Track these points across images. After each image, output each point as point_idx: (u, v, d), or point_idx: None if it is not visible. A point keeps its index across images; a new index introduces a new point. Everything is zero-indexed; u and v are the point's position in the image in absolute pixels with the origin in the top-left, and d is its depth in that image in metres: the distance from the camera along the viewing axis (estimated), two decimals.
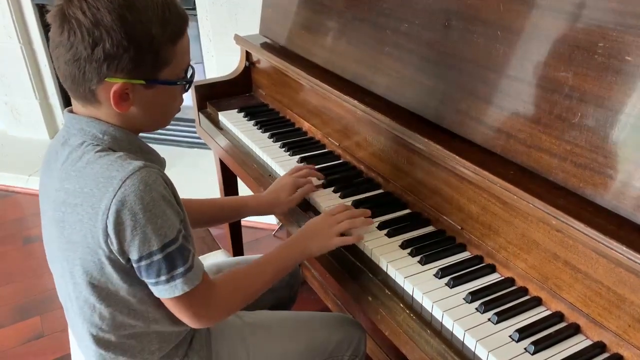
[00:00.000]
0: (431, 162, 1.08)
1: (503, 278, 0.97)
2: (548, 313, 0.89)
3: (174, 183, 0.86)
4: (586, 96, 0.87)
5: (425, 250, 1.03)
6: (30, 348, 1.87)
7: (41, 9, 2.90)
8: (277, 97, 1.68)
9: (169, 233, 0.80)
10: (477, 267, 0.99)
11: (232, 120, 1.62)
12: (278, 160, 1.40)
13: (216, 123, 1.68)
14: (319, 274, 1.88)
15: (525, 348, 0.82)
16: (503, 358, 0.81)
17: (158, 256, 0.80)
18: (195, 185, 2.52)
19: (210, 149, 1.82)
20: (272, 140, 1.50)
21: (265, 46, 1.70)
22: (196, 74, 0.93)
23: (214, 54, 2.62)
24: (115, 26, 0.76)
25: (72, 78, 0.80)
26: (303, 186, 1.23)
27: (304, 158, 1.39)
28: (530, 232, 0.91)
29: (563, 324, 0.87)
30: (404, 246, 1.05)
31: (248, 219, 2.45)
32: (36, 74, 3.05)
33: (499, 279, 0.97)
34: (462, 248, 1.04)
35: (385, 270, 1.01)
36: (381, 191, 1.25)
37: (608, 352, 0.82)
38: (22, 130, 3.23)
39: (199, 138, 2.23)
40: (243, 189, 1.69)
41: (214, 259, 1.44)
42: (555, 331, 0.85)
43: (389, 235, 1.08)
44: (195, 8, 2.54)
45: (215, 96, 1.76)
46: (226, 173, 1.79)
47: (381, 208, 1.17)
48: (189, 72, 0.89)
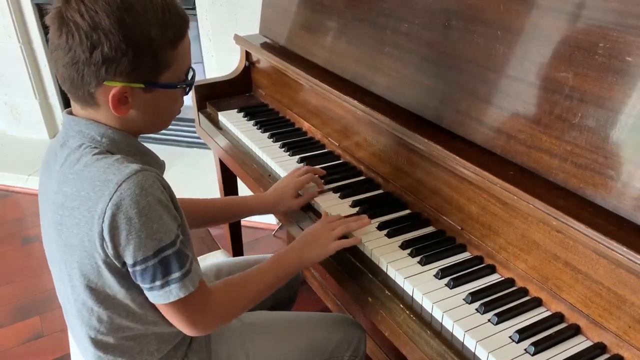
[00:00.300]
0: (431, 163, 1.08)
1: (503, 279, 0.97)
2: (548, 314, 0.89)
3: (174, 183, 0.86)
4: (586, 96, 0.87)
5: (425, 250, 1.03)
6: (29, 348, 1.87)
7: (41, 9, 2.90)
8: (277, 97, 1.68)
9: (165, 238, 0.80)
10: (477, 268, 0.99)
11: (232, 120, 1.62)
12: (278, 160, 1.39)
13: (216, 123, 1.68)
14: (319, 274, 1.88)
15: (525, 349, 0.82)
16: (503, 359, 0.81)
17: (153, 261, 0.79)
18: (194, 185, 2.52)
19: (210, 149, 1.82)
20: (272, 140, 1.49)
21: (265, 46, 1.69)
22: (196, 74, 0.91)
23: (214, 54, 2.62)
24: (113, 29, 0.75)
25: (71, 81, 0.79)
26: (305, 187, 1.22)
27: (304, 158, 1.39)
28: (530, 233, 0.91)
29: (563, 325, 0.87)
30: (404, 247, 1.04)
31: (248, 219, 2.45)
32: (36, 74, 3.05)
33: (499, 280, 0.97)
34: (462, 248, 1.04)
35: (385, 270, 1.01)
36: (381, 191, 1.24)
37: (608, 353, 0.82)
38: (22, 130, 3.23)
39: (199, 138, 2.23)
40: (243, 189, 1.69)
41: (214, 259, 1.44)
42: (555, 332, 0.85)
43: (389, 235, 1.08)
44: (195, 8, 2.54)
45: (215, 96, 1.76)
46: (226, 173, 1.78)
47: (381, 208, 1.16)
48: (190, 75, 0.88)
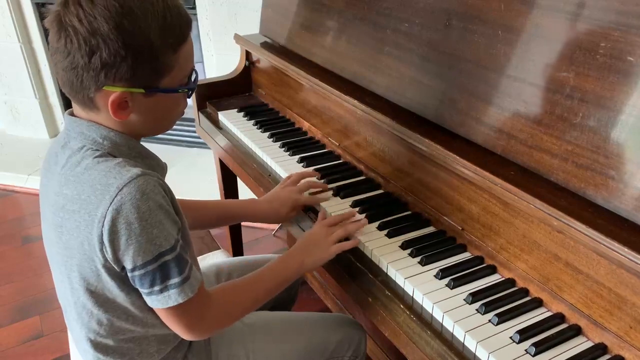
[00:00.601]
0: (432, 163, 1.08)
1: (504, 279, 0.97)
2: (549, 314, 0.89)
3: (174, 183, 0.85)
4: (588, 96, 0.87)
5: (425, 251, 1.02)
6: (29, 348, 1.86)
7: (41, 8, 2.89)
8: (277, 97, 1.67)
9: (165, 243, 0.79)
10: (478, 268, 0.99)
11: (232, 119, 1.62)
12: (278, 160, 1.39)
13: (216, 123, 1.67)
14: (319, 274, 1.88)
15: (526, 349, 0.82)
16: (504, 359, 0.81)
17: (152, 266, 0.79)
18: (194, 185, 2.52)
19: (210, 149, 1.82)
20: (272, 140, 1.49)
21: (265, 46, 1.69)
22: (198, 76, 0.90)
23: (214, 54, 2.62)
24: (112, 35, 0.74)
25: (70, 85, 0.79)
26: (302, 204, 1.21)
27: (304, 158, 1.39)
28: (531, 233, 0.90)
29: (564, 326, 0.87)
30: (405, 247, 1.04)
31: None
32: (36, 74, 3.04)
33: (500, 280, 0.96)
34: (463, 249, 1.04)
35: (385, 271, 1.01)
36: (381, 191, 1.24)
37: (609, 354, 0.81)
38: (22, 129, 3.23)
39: (199, 138, 2.22)
40: (243, 189, 1.69)
41: (214, 259, 1.44)
42: (556, 332, 0.85)
43: (389, 235, 1.08)
44: (195, 7, 2.54)
45: (215, 96, 1.75)
46: (226, 173, 1.78)
47: (381, 208, 1.16)
48: (192, 77, 0.87)
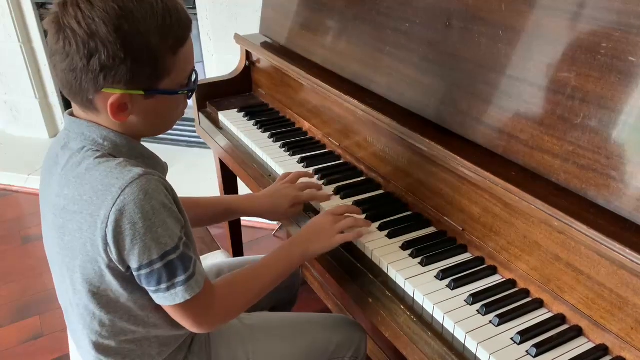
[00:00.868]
0: (432, 163, 1.08)
1: (504, 280, 0.96)
2: (550, 315, 0.89)
3: (174, 183, 0.85)
4: (589, 97, 0.86)
5: (426, 251, 1.02)
6: (29, 348, 1.86)
7: (41, 8, 2.89)
8: (278, 97, 1.67)
9: (169, 242, 0.79)
10: (479, 269, 0.98)
11: (232, 119, 1.62)
12: (278, 160, 1.39)
13: (216, 123, 1.67)
14: (319, 275, 1.88)
15: (527, 350, 0.82)
16: None
17: (158, 265, 0.79)
18: (194, 185, 2.52)
19: (210, 149, 1.81)
20: (272, 140, 1.49)
21: (265, 46, 1.69)
22: (198, 78, 0.89)
23: (214, 53, 2.62)
24: (111, 37, 0.73)
25: (70, 87, 0.78)
26: (304, 201, 1.21)
27: (304, 158, 1.38)
28: (532, 234, 0.90)
29: (565, 327, 0.86)
30: (405, 247, 1.04)
31: (248, 219, 2.45)
32: (36, 73, 3.04)
33: (501, 281, 0.96)
34: (464, 249, 1.04)
35: (386, 271, 1.01)
36: (382, 192, 1.24)
37: (610, 355, 0.81)
38: (22, 129, 3.22)
39: (199, 138, 2.22)
40: (243, 189, 1.69)
41: (214, 260, 1.44)
42: (557, 334, 0.85)
43: (390, 236, 1.07)
44: (195, 7, 2.54)
45: (215, 96, 1.75)
46: (226, 173, 1.78)
47: (382, 209, 1.16)
48: (192, 79, 0.86)
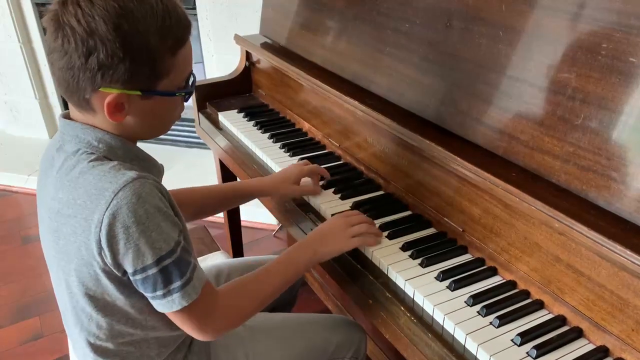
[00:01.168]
0: (432, 164, 1.07)
1: (505, 281, 0.96)
2: (550, 317, 0.88)
3: (174, 183, 0.85)
4: (589, 98, 0.86)
5: (426, 252, 1.02)
6: (28, 349, 1.86)
7: (41, 8, 2.89)
8: (277, 98, 1.67)
9: (164, 246, 0.78)
10: (479, 270, 0.98)
11: (232, 120, 1.61)
12: (278, 161, 1.39)
13: (216, 123, 1.67)
14: (319, 275, 1.88)
15: (527, 352, 0.82)
16: None
17: (153, 270, 0.78)
18: (194, 185, 2.51)
19: (209, 149, 1.81)
20: (272, 140, 1.49)
21: (265, 46, 1.69)
22: (196, 74, 0.89)
23: (214, 54, 2.62)
24: (110, 36, 0.73)
25: (66, 85, 0.78)
26: (308, 176, 1.23)
27: (304, 159, 1.38)
28: (532, 235, 0.90)
29: (565, 328, 0.86)
30: (405, 248, 1.04)
31: (248, 219, 2.45)
32: (36, 73, 3.04)
33: (501, 282, 0.96)
34: (464, 250, 1.04)
35: (386, 272, 1.01)
36: (382, 192, 1.24)
37: (611, 357, 0.81)
38: (22, 129, 3.22)
39: (199, 138, 2.22)
40: None
41: (213, 260, 1.43)
42: (557, 335, 0.84)
43: (390, 237, 1.07)
44: (195, 8, 2.54)
45: (215, 96, 1.75)
46: (226, 173, 1.78)
47: (382, 210, 1.16)
48: (190, 81, 0.86)
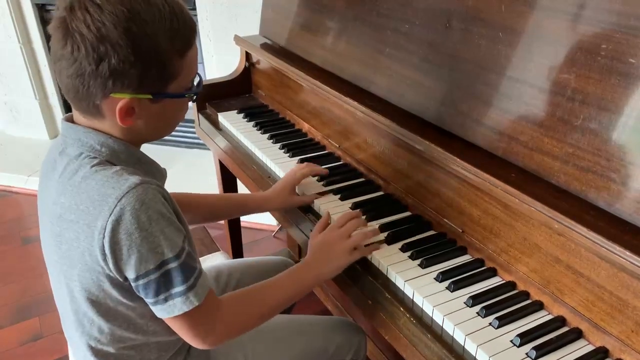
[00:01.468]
0: (432, 164, 1.07)
1: (504, 282, 0.96)
2: (550, 318, 0.88)
3: (174, 184, 0.85)
4: (589, 98, 0.86)
5: (425, 253, 1.02)
6: (28, 349, 1.86)
7: (41, 9, 2.89)
8: (277, 98, 1.67)
9: (167, 251, 0.78)
10: (478, 271, 0.98)
11: (232, 121, 1.62)
12: (278, 161, 1.39)
13: (216, 124, 1.67)
14: None
15: (526, 353, 0.82)
16: None
17: (155, 275, 0.78)
18: (194, 185, 2.49)
19: (209, 150, 1.81)
20: (272, 141, 1.49)
21: (265, 47, 1.69)
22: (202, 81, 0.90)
23: (214, 54, 2.62)
24: (121, 41, 0.73)
25: (75, 92, 0.77)
26: (305, 186, 1.23)
27: (304, 160, 1.38)
28: (531, 236, 0.90)
29: (565, 329, 0.86)
30: (405, 249, 1.04)
31: (248, 220, 2.45)
32: (36, 74, 3.04)
33: (500, 283, 0.96)
34: (463, 251, 1.03)
35: (385, 273, 1.01)
36: (381, 193, 1.24)
37: (611, 358, 0.81)
38: (22, 130, 3.22)
39: (199, 139, 2.22)
40: (243, 191, 1.68)
41: (213, 261, 1.43)
42: (557, 336, 0.84)
43: (389, 238, 1.07)
44: (195, 8, 2.54)
45: (214, 97, 1.75)
46: (226, 174, 1.78)
47: (381, 210, 1.16)
48: (196, 82, 0.87)
